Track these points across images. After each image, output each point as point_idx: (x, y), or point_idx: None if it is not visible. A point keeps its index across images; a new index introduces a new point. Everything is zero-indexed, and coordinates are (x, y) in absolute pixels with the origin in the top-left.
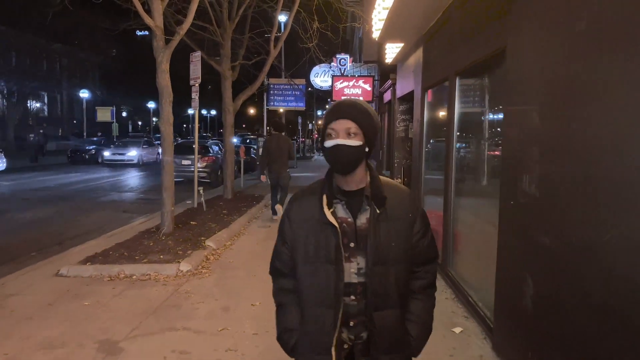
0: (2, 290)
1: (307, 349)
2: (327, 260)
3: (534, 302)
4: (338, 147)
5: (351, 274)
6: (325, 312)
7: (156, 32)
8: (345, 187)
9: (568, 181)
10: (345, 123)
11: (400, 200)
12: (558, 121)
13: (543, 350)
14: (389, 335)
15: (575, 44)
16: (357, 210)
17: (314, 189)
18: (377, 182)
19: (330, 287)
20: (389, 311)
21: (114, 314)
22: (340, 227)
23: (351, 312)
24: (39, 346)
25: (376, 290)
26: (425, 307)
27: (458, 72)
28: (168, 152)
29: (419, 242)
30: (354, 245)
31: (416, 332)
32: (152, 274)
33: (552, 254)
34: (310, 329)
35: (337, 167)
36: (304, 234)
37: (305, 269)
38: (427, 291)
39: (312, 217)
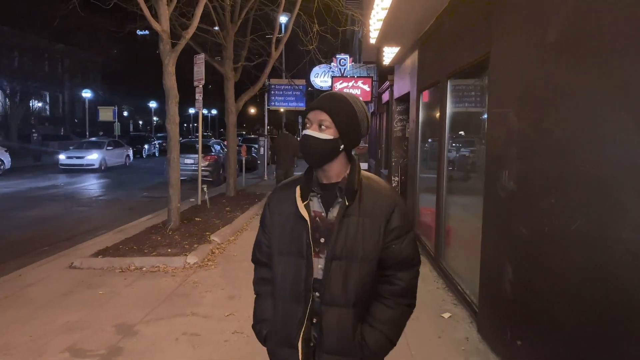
0: (20, 280)
1: (277, 341)
2: (298, 254)
3: (512, 286)
4: (306, 137)
5: (318, 269)
6: (295, 306)
7: (163, 36)
8: (324, 180)
9: (541, 177)
10: (319, 115)
11: (377, 197)
12: (532, 122)
13: (520, 330)
14: (335, 334)
15: (545, 54)
16: (331, 204)
17: (297, 181)
18: (354, 176)
19: (300, 282)
20: (340, 309)
21: (127, 301)
22: (313, 221)
23: (316, 309)
24: (61, 329)
25: (329, 285)
26: (390, 315)
27: (449, 75)
28: (174, 151)
29: (392, 242)
30: (323, 241)
31: (373, 340)
32: (161, 266)
33: (527, 242)
34: (279, 321)
35: (306, 159)
36: (280, 225)
37: (278, 260)
38: (397, 299)
39: (290, 209)
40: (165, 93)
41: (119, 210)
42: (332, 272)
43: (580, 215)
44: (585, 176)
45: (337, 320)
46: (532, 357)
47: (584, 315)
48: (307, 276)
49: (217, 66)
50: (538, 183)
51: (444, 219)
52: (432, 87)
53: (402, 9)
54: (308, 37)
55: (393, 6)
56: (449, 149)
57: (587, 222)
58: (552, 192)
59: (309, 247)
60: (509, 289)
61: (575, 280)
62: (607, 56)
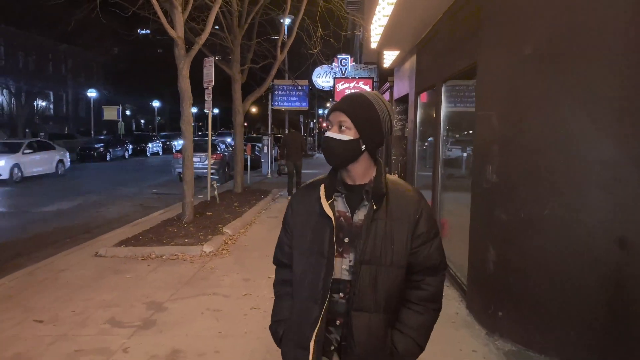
0: (53, 267)
1: (291, 342)
2: (319, 253)
3: (495, 266)
4: (327, 139)
5: (342, 270)
6: (312, 306)
7: (178, 41)
8: (348, 180)
9: (518, 170)
10: (339, 116)
11: (404, 201)
12: (511, 124)
13: (501, 303)
14: (365, 340)
15: (523, 65)
16: (357, 205)
17: (320, 181)
18: (381, 179)
19: (319, 281)
20: (370, 315)
21: (153, 284)
22: (337, 221)
23: (338, 310)
24: (98, 306)
25: (359, 290)
26: (419, 320)
27: (444, 79)
28: (188, 149)
29: (420, 248)
30: (348, 241)
31: (403, 346)
32: (180, 254)
33: (506, 226)
34: (296, 321)
35: (327, 160)
36: (302, 225)
37: (299, 260)
38: (427, 304)
39: (313, 208)
40: (180, 95)
41: (131, 206)
42: (361, 277)
43: (550, 203)
44: (555, 170)
45: (367, 325)
46: (510, 325)
47: (553, 286)
48: (326, 276)
49: (225, 68)
50: (516, 176)
51: (439, 213)
52: (429, 89)
53: (402, 16)
54: (312, 41)
55: (393, 14)
56: (443, 149)
57: (556, 209)
58: (527, 183)
59: (332, 246)
60: (492, 269)
61: (546, 258)
62: (574, 70)
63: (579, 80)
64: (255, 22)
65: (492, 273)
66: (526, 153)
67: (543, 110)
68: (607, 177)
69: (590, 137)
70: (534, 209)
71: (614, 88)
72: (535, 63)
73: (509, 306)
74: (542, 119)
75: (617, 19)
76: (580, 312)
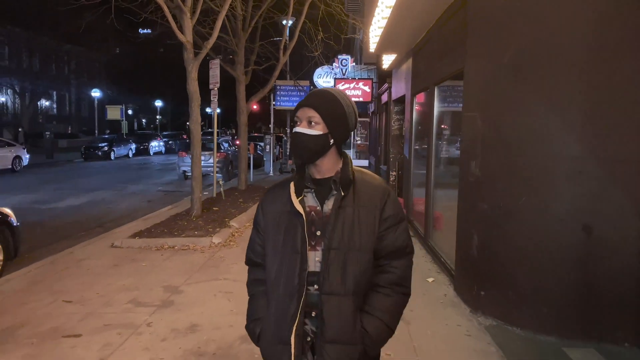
0: (73, 256)
1: (269, 339)
2: (293, 249)
3: (478, 251)
4: (296, 134)
5: (316, 262)
6: (289, 301)
7: (187, 46)
8: (316, 175)
9: (497, 165)
10: (307, 111)
11: (370, 189)
12: (492, 124)
13: (483, 283)
14: (336, 322)
15: (501, 72)
16: (326, 197)
17: (288, 181)
18: (348, 169)
19: (294, 277)
20: (340, 298)
21: (167, 271)
22: (308, 216)
23: (314, 301)
24: (120, 289)
25: (328, 275)
26: (387, 303)
27: (436, 82)
28: (196, 148)
29: (386, 232)
30: (320, 234)
31: (372, 328)
32: (191, 245)
33: (487, 215)
34: (273, 318)
35: (296, 155)
36: (274, 225)
37: (272, 258)
38: (394, 287)
39: (284, 207)
40: (189, 97)
41: (138, 202)
42: (330, 262)
43: (525, 194)
44: (528, 165)
45: (337, 309)
46: (491, 303)
47: (528, 268)
48: (300, 271)
49: (230, 70)
50: (495, 170)
51: (431, 207)
52: (423, 91)
53: (398, 23)
54: (313, 44)
55: (390, 20)
56: (436, 147)
57: (530, 198)
58: (505, 176)
59: (304, 242)
60: (476, 254)
61: (521, 242)
62: (544, 77)
63: (548, 86)
64: (258, 25)
65: (476, 258)
66: (504, 150)
67: (518, 113)
68: (574, 171)
69: (559, 136)
70: (511, 199)
71: (580, 93)
72: (511, 71)
73: (490, 287)
74: (518, 120)
75: (581, 32)
76: (551, 291)
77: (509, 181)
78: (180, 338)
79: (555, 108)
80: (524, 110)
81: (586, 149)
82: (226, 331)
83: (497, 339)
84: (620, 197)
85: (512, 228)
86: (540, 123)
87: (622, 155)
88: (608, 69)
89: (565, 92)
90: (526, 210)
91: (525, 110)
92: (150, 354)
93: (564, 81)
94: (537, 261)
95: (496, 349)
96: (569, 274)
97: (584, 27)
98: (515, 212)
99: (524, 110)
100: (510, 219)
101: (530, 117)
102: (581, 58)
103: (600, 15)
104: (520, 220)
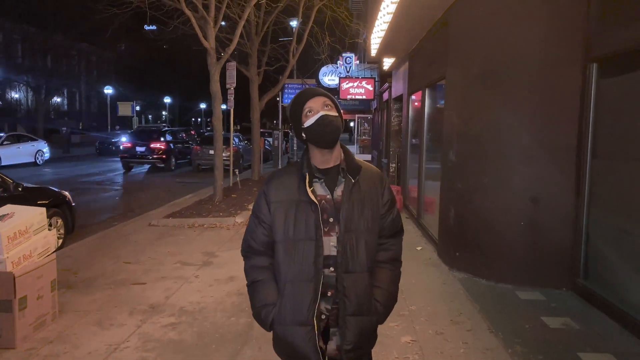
0: (119, 232)
1: (288, 321)
2: (307, 237)
3: (454, 221)
4: (325, 117)
5: (330, 246)
6: (306, 285)
7: (211, 52)
8: (323, 165)
9: (469, 152)
10: (321, 99)
11: (370, 176)
12: (465, 121)
13: (458, 247)
14: (356, 297)
15: (471, 80)
16: (334, 185)
17: (290, 171)
18: (352, 157)
19: (310, 262)
20: (357, 274)
21: (202, 242)
22: (320, 204)
23: (329, 282)
24: (167, 254)
25: (347, 254)
26: (391, 277)
27: (427, 85)
28: (219, 141)
29: (386, 214)
30: (332, 220)
31: (383, 298)
32: (217, 224)
33: (461, 192)
34: (290, 302)
35: (325, 139)
36: (283, 214)
37: (285, 246)
38: (394, 263)
39: (291, 197)
40: (212, 96)
41: (160, 192)
42: (347, 244)
43: (489, 173)
44: (492, 152)
45: (356, 285)
46: (464, 261)
47: (491, 233)
48: (317, 256)
49: (244, 71)
50: (467, 156)
51: (423, 193)
52: (417, 92)
53: (396, 32)
54: (320, 47)
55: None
56: (427, 140)
57: (493, 178)
58: (474, 160)
59: (319, 229)
60: (452, 223)
61: (486, 212)
62: (503, 84)
63: (506, 91)
64: (269, 29)
65: (453, 227)
66: (474, 141)
67: (484, 112)
68: (525, 156)
69: (515, 129)
70: (478, 179)
71: (529, 96)
72: (479, 79)
73: (463, 249)
74: (484, 117)
75: (529, 50)
76: (508, 250)
77: (477, 165)
78: (223, 285)
79: (511, 108)
80: (489, 110)
81: (534, 139)
82: None
83: (466, 286)
84: (559, 176)
85: (479, 202)
86: (500, 119)
87: (560, 144)
88: (549, 77)
89: (518, 96)
90: (490, 187)
91: (489, 110)
92: (202, 294)
93: (517, 87)
94: (498, 227)
95: (464, 291)
96: (521, 236)
97: (531, 46)
98: (482, 189)
99: (489, 110)
100: (478, 194)
101: (493, 115)
102: (529, 69)
103: (544, 37)
104: (486, 195)
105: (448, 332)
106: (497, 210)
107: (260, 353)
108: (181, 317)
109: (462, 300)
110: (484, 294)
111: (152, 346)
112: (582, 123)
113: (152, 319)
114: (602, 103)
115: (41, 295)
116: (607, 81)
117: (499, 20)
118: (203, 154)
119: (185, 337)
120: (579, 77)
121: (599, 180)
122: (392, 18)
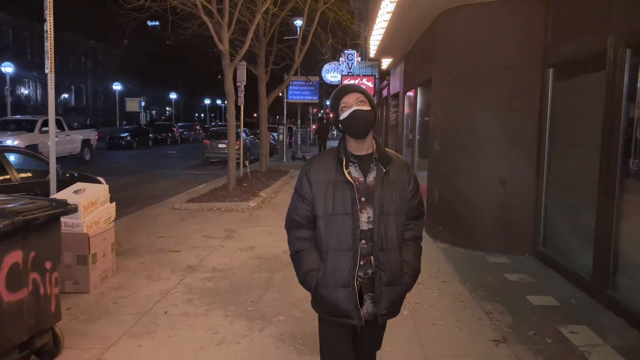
0: (146, 214)
1: (331, 284)
2: (344, 212)
3: (438, 200)
4: (357, 111)
5: (362, 222)
6: (346, 254)
7: (225, 53)
8: (357, 152)
9: (450, 142)
10: (355, 95)
11: (399, 166)
12: (447, 116)
13: (441, 222)
14: (389, 270)
15: (453, 82)
16: (367, 171)
17: (328, 155)
18: (382, 148)
19: (348, 233)
20: (390, 251)
21: (222, 221)
22: (354, 185)
23: (362, 253)
24: (193, 231)
25: (381, 234)
26: (415, 253)
27: (418, 85)
28: (232, 136)
29: (411, 199)
30: (364, 200)
31: (410, 271)
32: (233, 207)
33: (444, 176)
34: (332, 268)
35: (357, 130)
36: (323, 192)
37: (326, 220)
38: (417, 240)
39: (330, 177)
40: (226, 94)
41: (175, 182)
42: (381, 225)
43: (466, 161)
44: (469, 142)
45: (389, 260)
46: (446, 234)
47: (467, 209)
48: (354, 228)
49: (253, 70)
50: (448, 145)
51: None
52: (411, 90)
53: (392, 35)
54: (324, 48)
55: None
56: (418, 135)
57: (469, 164)
58: (454, 150)
59: (355, 205)
60: (436, 202)
61: (464, 192)
62: (479, 86)
63: (480, 92)
64: (276, 31)
65: (436, 205)
66: (454, 133)
67: (463, 109)
68: (495, 145)
69: (487, 124)
70: (457, 164)
71: (500, 96)
72: (459, 81)
73: (445, 223)
74: (462, 113)
75: (499, 56)
76: (481, 223)
77: (456, 153)
78: (245, 252)
79: (484, 106)
80: (466, 107)
81: (503, 132)
82: (272, 250)
83: (446, 253)
84: (523, 162)
85: (458, 183)
86: (476, 115)
87: (524, 136)
88: (517, 79)
89: (490, 96)
90: (467, 171)
91: (467, 107)
92: (228, 258)
93: (489, 89)
94: (473, 204)
95: (443, 256)
96: (492, 211)
97: (499, 54)
98: (461, 173)
99: (466, 107)
100: (456, 177)
101: (470, 111)
102: (500, 73)
103: (513, 45)
104: (463, 178)
105: (427, 283)
106: (472, 190)
107: (280, 296)
108: (214, 273)
109: (441, 262)
110: (460, 258)
111: (196, 291)
112: (541, 118)
113: (191, 275)
114: (557, 102)
115: (105, 254)
116: (561, 83)
117: (473, 31)
118: (212, 148)
119: (220, 285)
120: (539, 81)
121: (555, 165)
122: (388, 24)
